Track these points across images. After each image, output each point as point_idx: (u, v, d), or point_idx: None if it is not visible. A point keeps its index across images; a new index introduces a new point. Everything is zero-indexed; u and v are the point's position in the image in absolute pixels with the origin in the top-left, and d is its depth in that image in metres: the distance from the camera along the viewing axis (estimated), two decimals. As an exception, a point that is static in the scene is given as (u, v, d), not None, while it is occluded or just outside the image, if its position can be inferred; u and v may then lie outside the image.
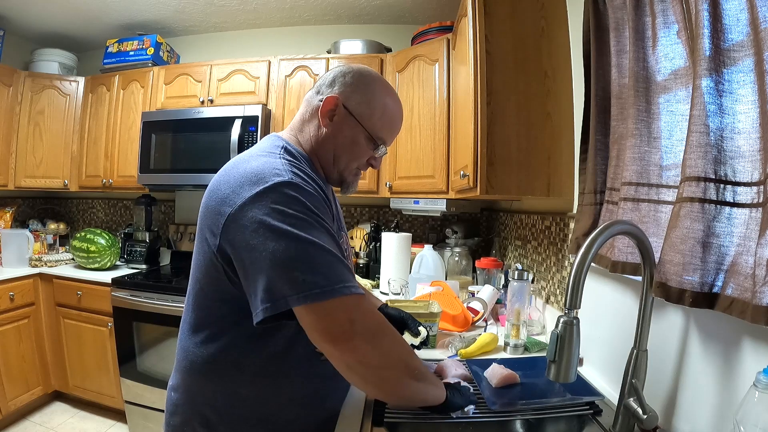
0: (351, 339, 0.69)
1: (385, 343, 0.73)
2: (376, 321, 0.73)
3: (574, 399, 0.96)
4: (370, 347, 0.70)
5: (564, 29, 1.43)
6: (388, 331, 0.75)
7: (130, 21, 2.82)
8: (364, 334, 0.70)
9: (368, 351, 0.70)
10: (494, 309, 1.64)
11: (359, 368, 0.71)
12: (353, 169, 0.91)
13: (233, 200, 0.71)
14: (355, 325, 0.69)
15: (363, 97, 0.86)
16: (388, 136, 0.90)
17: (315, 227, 0.70)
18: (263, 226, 0.67)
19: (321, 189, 0.79)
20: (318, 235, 0.69)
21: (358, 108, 0.86)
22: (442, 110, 2.05)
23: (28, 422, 2.36)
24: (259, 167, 0.74)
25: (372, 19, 2.76)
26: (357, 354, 0.69)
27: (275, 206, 0.68)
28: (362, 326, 0.70)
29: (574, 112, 1.40)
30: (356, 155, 0.88)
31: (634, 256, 0.90)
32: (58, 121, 2.79)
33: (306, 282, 0.66)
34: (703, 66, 0.67)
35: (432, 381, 0.84)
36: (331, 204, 0.83)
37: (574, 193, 1.37)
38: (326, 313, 0.68)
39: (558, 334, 0.70)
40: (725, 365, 0.69)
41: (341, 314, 0.68)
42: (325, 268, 0.68)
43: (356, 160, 0.89)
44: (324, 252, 0.69)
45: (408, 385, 0.77)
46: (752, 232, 0.62)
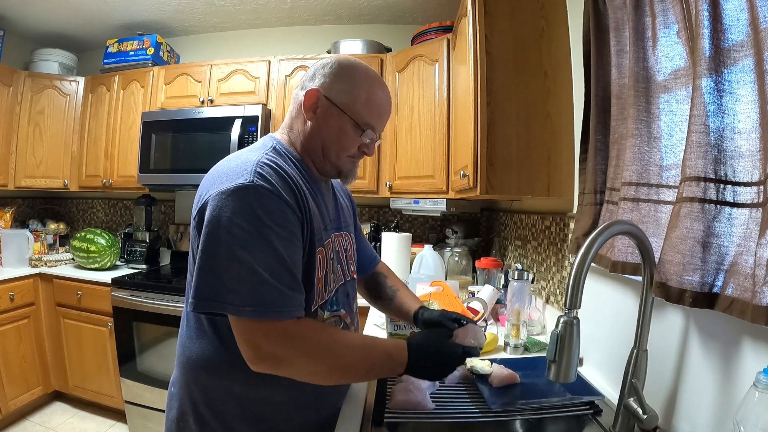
0: (255, 362, 0.71)
1: (295, 365, 0.73)
2: (286, 346, 0.71)
3: (574, 399, 0.96)
4: (277, 370, 0.72)
5: (564, 29, 1.42)
6: (300, 353, 0.72)
7: (130, 21, 2.82)
8: (268, 359, 0.71)
9: (276, 370, 0.72)
10: (494, 309, 1.64)
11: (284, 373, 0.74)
12: (345, 158, 0.88)
13: (206, 196, 0.74)
14: (261, 350, 0.70)
15: (344, 85, 0.85)
16: (375, 122, 0.87)
17: (258, 242, 0.69)
18: (214, 226, 0.70)
19: (297, 188, 0.77)
20: (255, 251, 0.69)
21: (340, 97, 0.84)
22: (442, 110, 2.05)
23: (28, 422, 2.36)
24: (233, 167, 0.75)
25: (372, 19, 2.76)
26: (268, 369, 0.72)
27: (228, 212, 0.69)
28: (267, 351, 0.70)
29: (574, 112, 1.39)
30: (345, 145, 0.86)
31: (634, 256, 0.90)
32: (58, 121, 2.79)
33: (228, 292, 0.68)
34: (703, 66, 0.67)
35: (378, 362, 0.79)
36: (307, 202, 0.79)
37: (574, 193, 1.37)
38: (237, 329, 0.71)
39: (558, 334, 0.70)
40: (725, 365, 0.69)
41: (248, 335, 0.70)
42: (242, 287, 0.68)
43: (346, 149, 0.87)
44: (251, 273, 0.68)
45: (341, 377, 0.79)
46: (752, 232, 0.62)
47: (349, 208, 1.10)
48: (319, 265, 0.83)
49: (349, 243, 1.00)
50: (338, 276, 0.92)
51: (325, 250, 0.85)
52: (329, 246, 0.87)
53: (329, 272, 0.87)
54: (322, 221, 0.86)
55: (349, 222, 1.05)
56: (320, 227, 0.84)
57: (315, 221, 0.81)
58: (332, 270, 0.88)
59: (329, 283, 0.87)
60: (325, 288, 0.85)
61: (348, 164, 0.89)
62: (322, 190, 0.91)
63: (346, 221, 1.02)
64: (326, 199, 0.92)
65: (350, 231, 1.03)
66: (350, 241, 1.01)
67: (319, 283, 0.83)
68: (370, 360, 0.78)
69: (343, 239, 0.96)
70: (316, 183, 0.89)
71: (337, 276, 0.91)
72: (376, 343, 0.80)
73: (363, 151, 0.89)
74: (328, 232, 0.87)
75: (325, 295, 0.86)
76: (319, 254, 0.82)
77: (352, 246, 1.02)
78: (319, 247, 0.83)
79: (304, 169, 0.86)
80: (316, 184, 0.89)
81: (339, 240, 0.94)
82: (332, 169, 0.89)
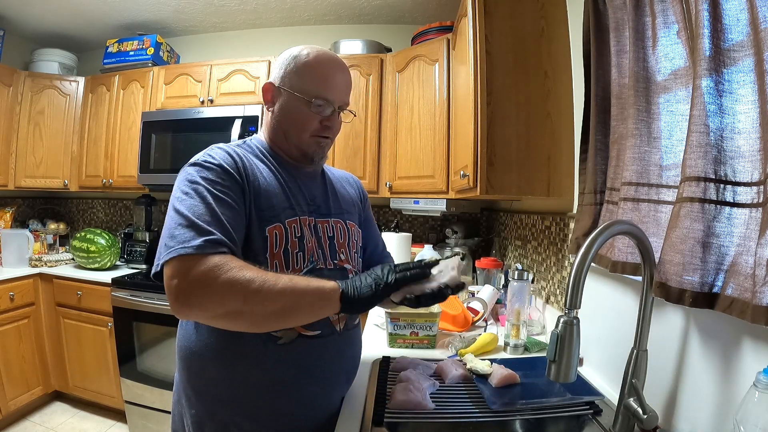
0: (172, 306, 0.70)
1: (205, 304, 0.69)
2: (195, 284, 0.69)
3: (574, 399, 0.96)
4: (190, 311, 0.71)
5: (564, 29, 1.42)
6: (210, 289, 0.69)
7: (130, 21, 2.82)
8: (180, 299, 0.69)
9: (191, 313, 0.72)
10: (494, 309, 1.64)
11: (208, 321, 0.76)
12: (309, 139, 0.91)
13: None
14: (171, 291, 0.69)
15: (290, 68, 0.91)
16: (324, 92, 0.89)
17: (191, 198, 0.76)
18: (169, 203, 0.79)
19: (244, 165, 0.84)
20: (187, 205, 0.75)
21: (289, 80, 0.90)
22: (442, 110, 2.05)
23: (28, 422, 2.36)
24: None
25: (372, 19, 2.76)
26: (183, 311, 0.70)
27: (176, 187, 0.80)
28: (178, 290, 0.69)
29: (574, 112, 1.39)
30: (302, 123, 0.90)
31: (634, 256, 0.90)
32: (58, 121, 2.79)
33: (163, 247, 0.73)
34: (703, 66, 0.67)
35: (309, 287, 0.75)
36: (254, 176, 0.85)
37: (574, 193, 1.37)
38: (165, 276, 0.71)
39: (558, 334, 0.70)
40: (725, 365, 0.69)
41: (166, 279, 0.70)
42: (175, 232, 0.73)
43: (305, 128, 0.90)
44: (180, 217, 0.74)
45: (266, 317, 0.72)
46: (752, 232, 0.62)
47: (355, 199, 1.10)
48: (276, 241, 0.84)
49: (341, 231, 0.98)
50: (312, 259, 0.89)
51: (285, 227, 0.86)
52: (292, 225, 0.87)
53: (292, 251, 0.86)
54: (287, 201, 0.89)
55: (350, 212, 1.05)
56: (279, 205, 0.87)
57: (267, 197, 0.85)
58: (299, 249, 0.87)
59: (292, 262, 0.86)
60: (287, 266, 0.85)
61: (312, 145, 0.92)
62: (299, 175, 0.95)
63: (342, 210, 1.02)
64: (305, 184, 0.95)
65: (346, 220, 1.01)
66: (344, 230, 0.99)
67: (275, 258, 0.84)
68: (294, 290, 0.72)
69: (330, 226, 0.96)
70: (288, 168, 0.94)
71: (308, 258, 0.89)
72: (301, 278, 0.77)
73: (325, 126, 0.91)
74: (293, 211, 0.89)
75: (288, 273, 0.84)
76: (275, 230, 0.84)
77: (346, 235, 1.00)
78: (275, 223, 0.84)
79: (273, 157, 0.93)
80: (289, 168, 0.94)
81: (324, 225, 0.95)
82: (298, 152, 0.93)
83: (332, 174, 1.09)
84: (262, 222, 0.83)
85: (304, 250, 0.88)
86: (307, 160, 0.95)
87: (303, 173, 0.97)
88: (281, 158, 0.95)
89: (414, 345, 1.32)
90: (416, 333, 1.32)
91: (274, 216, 0.85)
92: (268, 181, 0.87)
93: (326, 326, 0.90)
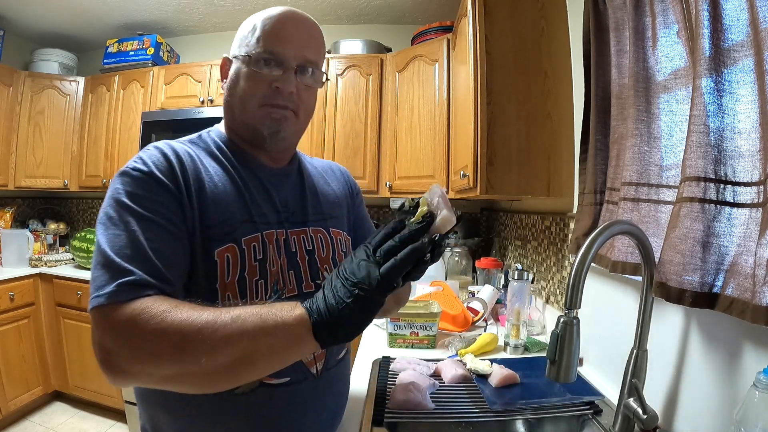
0: (99, 363, 0.54)
1: (130, 360, 0.53)
2: (115, 335, 0.53)
3: (574, 399, 0.96)
4: (118, 372, 0.54)
5: (564, 29, 1.42)
6: (130, 342, 0.53)
7: (130, 21, 2.82)
8: (101, 356, 0.54)
9: (118, 373, 0.54)
10: (494, 309, 1.64)
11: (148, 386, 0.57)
12: (258, 110, 0.71)
13: None
14: (94, 345, 0.55)
15: (244, 33, 0.74)
16: (274, 45, 0.70)
17: (115, 225, 0.59)
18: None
19: (185, 169, 0.66)
20: (109, 235, 0.58)
21: (238, 48, 0.74)
22: (442, 110, 2.05)
23: (28, 422, 2.36)
24: None
25: (372, 19, 2.76)
26: (109, 372, 0.54)
27: (103, 203, 0.63)
28: (99, 346, 0.54)
29: (574, 112, 1.39)
30: (247, 89, 0.71)
31: (634, 256, 0.90)
32: (58, 121, 2.79)
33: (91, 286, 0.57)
34: (703, 66, 0.67)
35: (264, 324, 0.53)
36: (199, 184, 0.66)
37: (574, 193, 1.37)
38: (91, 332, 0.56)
39: (558, 334, 0.70)
40: (725, 365, 0.69)
41: (92, 331, 0.55)
42: (94, 274, 0.57)
43: (252, 95, 0.71)
44: (98, 252, 0.58)
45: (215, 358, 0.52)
46: (752, 232, 0.62)
47: (341, 197, 0.89)
48: (228, 268, 0.65)
49: (323, 243, 0.78)
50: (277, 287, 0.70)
51: (241, 248, 0.66)
52: (251, 245, 0.68)
53: (250, 279, 0.67)
54: (245, 211, 0.69)
55: (335, 215, 0.85)
56: (234, 218, 0.67)
57: (218, 209, 0.66)
58: (260, 275, 0.68)
59: (250, 293, 0.66)
60: (241, 299, 0.65)
61: (264, 117, 0.71)
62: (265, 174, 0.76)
63: (324, 214, 0.82)
64: (273, 184, 0.76)
65: (330, 227, 0.81)
66: (326, 240, 0.79)
67: (228, 290, 0.65)
68: (243, 331, 0.52)
69: (308, 237, 0.76)
70: (251, 165, 0.75)
71: (272, 287, 0.69)
72: (253, 309, 0.54)
73: (276, 89, 0.70)
74: (253, 225, 0.69)
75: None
76: (227, 253, 0.65)
77: (330, 247, 0.79)
78: (227, 243, 0.65)
79: (231, 151, 0.74)
80: (252, 166, 0.75)
81: (299, 238, 0.75)
82: (248, 132, 0.74)
83: (312, 167, 0.88)
84: (210, 243, 0.64)
85: (267, 277, 0.68)
86: (259, 140, 0.73)
87: (270, 171, 0.77)
88: (241, 152, 0.75)
89: (414, 345, 1.32)
90: (416, 333, 1.32)
91: (226, 234, 0.66)
92: (220, 188, 0.68)
93: (298, 370, 0.70)
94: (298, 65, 0.72)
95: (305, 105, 0.75)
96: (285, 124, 0.73)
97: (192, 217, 0.64)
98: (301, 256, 0.75)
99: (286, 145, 0.77)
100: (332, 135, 2.38)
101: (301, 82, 0.73)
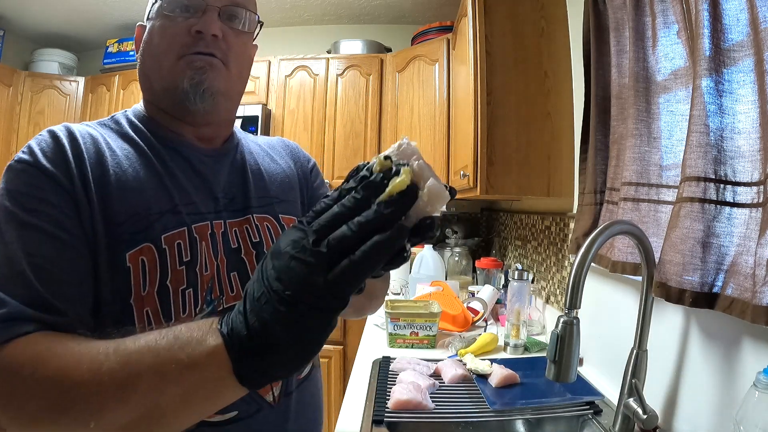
0: None
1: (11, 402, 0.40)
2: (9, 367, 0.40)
3: (574, 399, 0.96)
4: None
5: (564, 29, 1.42)
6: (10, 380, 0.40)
7: (130, 21, 2.82)
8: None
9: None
10: (494, 309, 1.64)
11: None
12: (174, 60, 0.57)
13: None
14: None
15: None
16: None
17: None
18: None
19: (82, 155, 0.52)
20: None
21: (151, 7, 0.61)
22: (442, 110, 2.05)
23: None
24: None
25: (372, 19, 2.76)
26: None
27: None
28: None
29: (574, 112, 1.39)
30: (164, 42, 0.57)
31: (634, 256, 0.90)
32: (58, 121, 2.75)
33: None
34: (703, 66, 0.67)
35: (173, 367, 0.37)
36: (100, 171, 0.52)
37: (574, 193, 1.37)
38: None
39: (558, 334, 0.70)
40: (725, 365, 0.69)
41: None
42: None
43: (168, 48, 0.57)
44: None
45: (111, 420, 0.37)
46: (752, 232, 0.62)
47: (292, 176, 0.73)
48: (143, 276, 0.51)
49: (273, 231, 0.64)
50: (211, 297, 0.56)
51: (160, 248, 0.52)
52: (175, 243, 0.53)
53: (174, 288, 0.53)
54: (167, 199, 0.55)
55: (285, 198, 0.69)
56: (151, 210, 0.53)
57: (126, 200, 0.52)
58: (187, 283, 0.54)
59: (176, 308, 0.52)
60: (166, 316, 0.52)
61: (183, 68, 0.56)
62: (194, 154, 0.61)
63: (271, 198, 0.67)
64: (207, 165, 0.62)
65: (279, 213, 0.67)
66: (276, 230, 0.65)
67: (146, 305, 0.51)
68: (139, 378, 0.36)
69: (252, 228, 0.62)
70: (177, 144, 0.60)
71: (204, 296, 0.55)
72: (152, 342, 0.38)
73: (196, 32, 0.56)
74: (177, 216, 0.55)
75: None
76: (142, 255, 0.51)
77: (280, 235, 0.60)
78: (142, 243, 0.51)
79: (151, 130, 0.60)
80: (179, 146, 0.60)
81: (242, 229, 0.61)
82: (170, 96, 0.58)
83: (255, 145, 0.73)
84: (119, 245, 0.50)
85: (197, 284, 0.54)
86: (181, 102, 0.57)
87: (203, 152, 0.62)
88: (164, 130, 0.60)
89: (414, 345, 1.32)
90: (416, 333, 1.32)
91: (138, 231, 0.51)
92: (130, 173, 0.54)
93: (248, 401, 0.55)
94: (223, 6, 0.58)
95: (236, 54, 0.60)
96: (210, 74, 0.57)
97: (91, 216, 0.50)
98: (247, 251, 0.60)
99: (216, 105, 0.59)
100: (332, 135, 2.39)
101: (223, 24, 0.58)
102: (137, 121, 0.61)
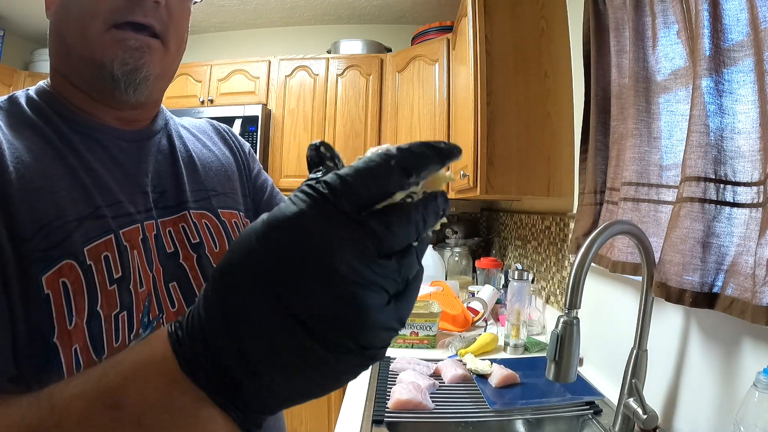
0: None
1: None
2: None
3: (574, 399, 0.96)
4: None
5: (564, 29, 1.42)
6: None
7: (130, 21, 2.82)
8: None
9: None
10: (494, 309, 1.64)
11: None
12: (100, 31, 0.43)
13: None
14: None
15: None
16: None
17: None
18: None
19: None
20: None
21: None
22: (442, 110, 2.05)
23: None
24: None
25: (372, 19, 2.76)
26: None
27: None
28: None
29: (574, 112, 1.40)
30: (89, 4, 0.43)
31: (634, 256, 0.90)
32: (58, 121, 2.79)
33: None
34: (703, 66, 0.67)
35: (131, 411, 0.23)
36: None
37: (574, 193, 1.37)
38: None
39: (558, 334, 0.70)
40: (725, 365, 0.69)
41: None
42: None
43: (95, 11, 0.43)
44: None
45: None
46: (752, 232, 0.62)
47: (228, 164, 0.61)
48: (67, 304, 0.39)
49: (213, 232, 0.53)
50: (147, 317, 0.45)
51: (84, 264, 0.40)
52: (101, 255, 0.42)
53: (106, 314, 0.41)
54: (85, 199, 0.43)
55: (223, 191, 0.58)
56: (65, 216, 0.40)
57: (31, 207, 0.39)
58: (120, 305, 0.42)
59: (108, 339, 0.41)
60: (94, 352, 0.40)
61: (113, 46, 0.43)
62: (112, 143, 0.48)
63: (207, 191, 0.56)
64: (129, 155, 0.49)
65: (218, 208, 0.56)
66: (217, 227, 0.54)
67: (75, 341, 0.39)
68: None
69: (190, 227, 0.52)
70: (93, 132, 0.47)
71: (141, 318, 0.44)
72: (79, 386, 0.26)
73: (131, 2, 0.44)
74: (100, 221, 0.43)
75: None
76: (61, 276, 0.39)
77: (223, 235, 0.54)
78: (61, 260, 0.39)
79: (58, 114, 0.46)
80: (92, 131, 0.47)
81: (177, 229, 0.50)
82: (91, 74, 0.45)
83: (183, 130, 0.60)
84: (30, 267, 0.38)
85: (131, 306, 0.43)
86: (104, 85, 0.45)
87: (124, 136, 0.49)
88: (75, 111, 0.46)
89: (414, 345, 1.32)
90: (416, 333, 1.32)
91: (53, 245, 0.39)
92: (34, 172, 0.40)
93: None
94: None
95: (177, 25, 0.48)
96: (149, 58, 0.45)
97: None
98: (185, 255, 0.50)
99: (150, 94, 0.48)
100: (332, 135, 2.39)
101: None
102: (40, 100, 0.46)
